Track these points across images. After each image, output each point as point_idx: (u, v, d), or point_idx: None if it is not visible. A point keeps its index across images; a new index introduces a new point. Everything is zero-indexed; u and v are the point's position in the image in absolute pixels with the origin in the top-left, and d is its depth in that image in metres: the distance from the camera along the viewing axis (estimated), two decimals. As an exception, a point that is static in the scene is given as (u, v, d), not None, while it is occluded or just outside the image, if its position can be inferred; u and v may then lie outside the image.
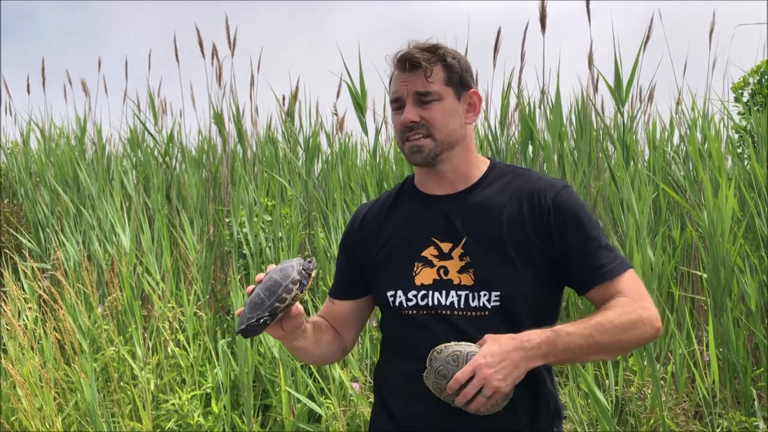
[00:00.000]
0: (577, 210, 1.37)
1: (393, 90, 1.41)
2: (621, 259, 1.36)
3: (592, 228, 1.36)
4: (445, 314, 1.34)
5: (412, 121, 1.37)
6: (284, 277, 1.27)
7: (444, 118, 1.38)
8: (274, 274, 1.29)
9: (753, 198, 3.23)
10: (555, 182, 1.40)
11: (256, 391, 3.39)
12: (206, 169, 5.00)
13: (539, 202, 1.36)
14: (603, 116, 4.09)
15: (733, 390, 2.94)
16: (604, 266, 1.33)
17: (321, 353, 1.49)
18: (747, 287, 2.94)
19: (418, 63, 1.36)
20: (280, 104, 4.88)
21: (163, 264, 3.83)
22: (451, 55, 1.40)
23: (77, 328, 3.36)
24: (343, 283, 1.53)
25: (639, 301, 1.33)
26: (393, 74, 1.42)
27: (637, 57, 3.68)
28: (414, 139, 1.37)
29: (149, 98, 5.07)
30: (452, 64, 1.39)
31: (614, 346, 1.29)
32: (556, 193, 1.37)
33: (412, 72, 1.37)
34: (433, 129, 1.37)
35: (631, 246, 2.98)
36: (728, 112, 4.07)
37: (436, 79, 1.37)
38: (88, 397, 3.02)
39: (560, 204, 1.36)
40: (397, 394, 1.40)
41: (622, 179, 3.31)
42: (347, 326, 1.53)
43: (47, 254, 4.42)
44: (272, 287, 1.27)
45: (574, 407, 2.80)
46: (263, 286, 1.28)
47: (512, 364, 1.20)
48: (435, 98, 1.37)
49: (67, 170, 5.01)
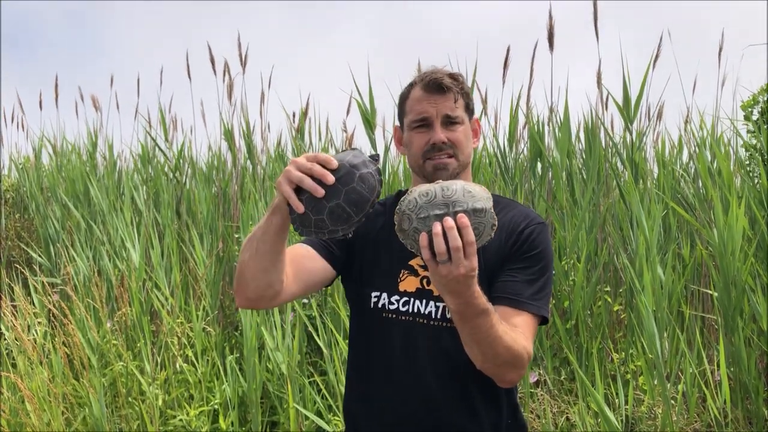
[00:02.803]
0: (538, 246, 1.43)
1: (418, 110, 1.47)
2: (540, 306, 1.39)
3: (540, 270, 1.41)
4: (423, 322, 1.43)
5: (443, 142, 1.44)
6: (369, 191, 1.20)
7: (466, 141, 1.48)
8: (357, 185, 1.19)
9: (764, 216, 3.22)
10: (533, 217, 1.48)
11: (264, 407, 3.38)
12: (216, 185, 5.03)
13: (515, 232, 1.43)
14: (612, 134, 4.10)
15: (744, 410, 2.91)
16: (520, 295, 1.38)
17: (270, 278, 1.34)
18: (758, 306, 2.92)
19: (449, 88, 1.45)
20: (291, 121, 4.91)
21: (173, 279, 3.84)
22: (466, 85, 1.50)
23: (86, 342, 3.37)
24: (327, 242, 1.48)
25: (525, 341, 1.33)
26: (414, 94, 1.49)
27: (646, 75, 3.69)
28: (440, 158, 1.45)
29: (160, 114, 5.12)
30: (468, 93, 1.50)
31: (491, 358, 1.28)
32: (527, 225, 1.44)
33: (441, 95, 1.45)
34: (457, 150, 1.46)
35: (641, 264, 2.97)
36: (737, 131, 4.06)
37: (459, 104, 1.47)
38: (97, 412, 3.02)
39: (527, 234, 1.43)
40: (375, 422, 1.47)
41: (631, 197, 3.31)
42: (299, 277, 1.42)
43: (57, 269, 4.45)
44: (360, 203, 1.19)
45: (583, 426, 2.77)
46: (348, 200, 1.18)
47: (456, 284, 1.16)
48: (459, 122, 1.47)
49: (78, 186, 5.05)
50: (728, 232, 2.92)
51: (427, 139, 1.45)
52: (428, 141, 1.45)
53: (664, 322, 2.92)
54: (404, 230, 1.16)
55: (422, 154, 1.46)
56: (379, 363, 1.47)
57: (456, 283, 1.14)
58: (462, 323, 1.24)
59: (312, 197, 1.18)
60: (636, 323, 3.07)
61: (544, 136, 4.06)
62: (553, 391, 3.11)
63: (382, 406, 1.46)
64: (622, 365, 3.18)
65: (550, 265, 1.46)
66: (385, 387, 1.46)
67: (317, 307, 3.50)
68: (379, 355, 1.47)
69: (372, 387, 1.49)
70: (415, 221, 1.14)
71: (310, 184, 1.18)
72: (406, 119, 1.51)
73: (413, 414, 1.43)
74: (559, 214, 3.67)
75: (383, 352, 1.45)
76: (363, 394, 1.51)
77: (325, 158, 1.19)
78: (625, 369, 3.16)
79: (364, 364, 1.51)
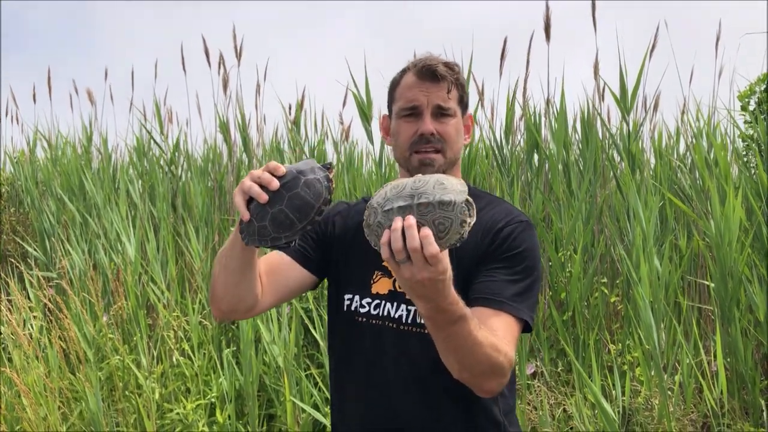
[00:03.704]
0: (520, 246, 1.30)
1: (409, 97, 1.37)
2: (522, 308, 1.26)
3: (523, 270, 1.29)
4: (392, 327, 1.33)
5: (431, 134, 1.35)
6: (315, 197, 1.14)
7: (456, 136, 1.38)
8: (302, 190, 1.14)
9: (760, 207, 3.21)
10: (516, 214, 1.35)
11: (261, 400, 3.37)
12: (212, 178, 5.01)
13: (492, 230, 1.31)
14: (609, 125, 4.08)
15: (741, 401, 2.92)
16: (498, 295, 1.25)
17: (240, 292, 1.29)
18: (755, 297, 2.92)
19: (443, 77, 1.35)
20: (287, 113, 4.89)
21: (169, 273, 3.83)
22: (462, 76, 1.40)
23: (82, 337, 3.36)
24: (303, 247, 1.40)
25: (506, 347, 1.19)
26: (405, 80, 1.39)
27: (642, 65, 3.67)
28: (426, 152, 1.35)
29: (155, 107, 5.09)
30: (463, 85, 1.40)
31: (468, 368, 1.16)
32: (508, 222, 1.32)
33: (434, 84, 1.35)
34: (445, 145, 1.36)
35: (637, 255, 2.97)
36: (734, 121, 4.05)
37: (453, 96, 1.37)
38: (93, 406, 3.02)
39: (507, 233, 1.31)
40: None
41: (628, 188, 3.30)
42: (274, 285, 1.36)
43: (53, 263, 4.43)
44: (303, 208, 1.14)
45: (580, 418, 2.77)
46: (291, 206, 1.14)
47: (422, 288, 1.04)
48: (451, 114, 1.37)
49: (73, 179, 5.02)
50: (725, 222, 2.91)
51: (415, 129, 1.36)
52: (416, 131, 1.36)
53: (661, 313, 2.92)
54: (369, 225, 1.07)
55: (409, 145, 1.36)
56: (350, 368, 1.39)
57: (422, 287, 1.03)
58: (435, 330, 1.11)
59: (258, 205, 1.15)
60: (633, 314, 3.07)
61: (540, 127, 4.04)
62: (549, 383, 3.11)
63: (352, 416, 1.39)
64: (618, 356, 3.18)
65: (536, 268, 1.32)
66: (357, 394, 1.38)
67: (314, 300, 3.49)
68: (351, 360, 1.39)
69: (345, 394, 1.41)
70: (380, 215, 1.05)
71: (255, 191, 1.14)
72: (395, 106, 1.41)
73: (378, 425, 1.34)
74: (555, 205, 3.67)
75: (355, 357, 1.37)
76: (337, 404, 1.43)
77: (274, 166, 1.16)
78: (622, 360, 3.16)
79: (337, 368, 1.43)
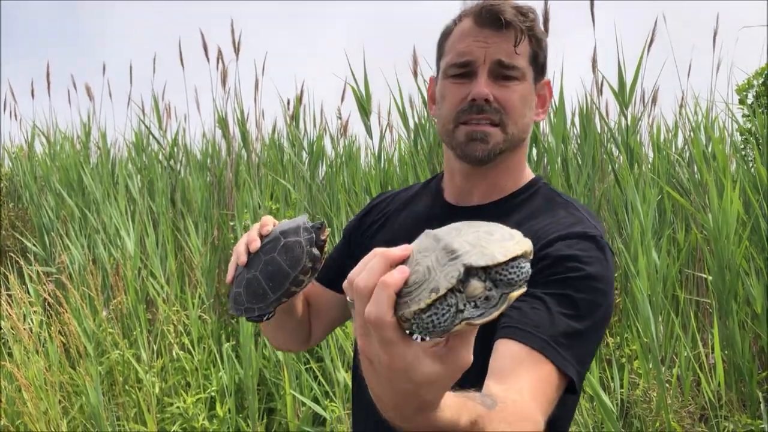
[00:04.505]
0: (584, 268, 0.90)
1: (461, 49, 1.02)
2: (568, 357, 0.85)
3: (582, 304, 0.88)
4: None
5: (486, 100, 1.00)
6: (293, 265, 0.96)
7: (522, 106, 1.03)
8: (279, 255, 0.97)
9: (758, 200, 3.22)
10: (582, 227, 0.96)
11: (261, 394, 3.38)
12: (211, 173, 5.01)
13: (540, 244, 0.94)
14: (607, 119, 4.09)
15: (738, 393, 2.93)
16: (539, 329, 0.85)
17: (291, 339, 1.21)
18: (752, 289, 2.93)
19: (510, 23, 1.00)
20: (285, 108, 4.89)
21: (168, 267, 3.83)
22: (539, 27, 1.05)
23: (82, 331, 3.36)
24: (332, 270, 1.22)
25: (533, 413, 0.78)
26: (459, 28, 1.05)
27: (641, 59, 3.68)
28: (478, 123, 1.01)
29: (154, 102, 5.09)
30: (540, 39, 1.05)
31: None
32: (568, 235, 0.94)
33: (497, 32, 1.00)
34: (506, 117, 1.01)
35: (635, 249, 2.98)
36: (732, 114, 4.06)
37: (523, 51, 1.02)
38: (93, 400, 3.02)
39: (562, 248, 0.92)
40: None
41: (626, 182, 3.31)
42: (318, 317, 1.23)
43: (52, 258, 4.44)
44: (277, 277, 0.96)
45: (579, 410, 2.79)
46: (265, 272, 0.97)
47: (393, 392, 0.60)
48: (517, 77, 1.02)
49: (71, 174, 5.02)
50: (723, 216, 2.92)
51: (465, 93, 1.01)
52: (466, 96, 1.01)
53: (659, 306, 2.93)
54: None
55: (454, 115, 1.03)
56: (359, 392, 1.18)
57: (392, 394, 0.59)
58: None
59: (240, 267, 1.01)
60: (631, 307, 3.08)
61: (539, 121, 4.05)
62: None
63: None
64: (617, 349, 3.19)
65: (603, 307, 0.90)
66: (362, 420, 1.16)
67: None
68: (359, 384, 1.17)
69: (354, 418, 1.21)
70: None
71: (238, 250, 0.99)
72: (443, 62, 1.07)
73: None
74: (554, 199, 3.67)
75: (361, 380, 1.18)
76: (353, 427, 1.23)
77: (263, 221, 1.00)
78: (620, 353, 3.17)
79: (353, 393, 1.23)
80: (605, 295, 0.92)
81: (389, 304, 0.55)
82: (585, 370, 0.89)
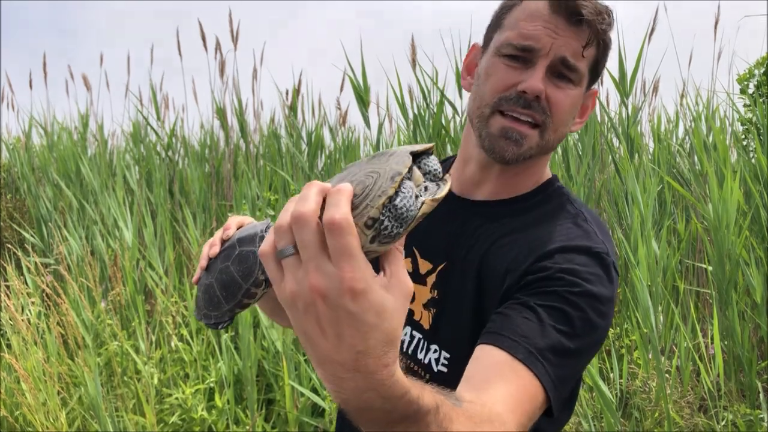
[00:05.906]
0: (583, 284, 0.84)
1: (526, 31, 0.92)
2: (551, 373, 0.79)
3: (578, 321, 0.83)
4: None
5: (537, 96, 0.92)
6: (245, 277, 0.91)
7: (569, 112, 0.96)
8: (232, 264, 0.92)
9: (758, 190, 3.21)
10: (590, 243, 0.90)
11: (260, 385, 3.38)
12: (209, 164, 4.99)
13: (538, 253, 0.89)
14: (608, 109, 4.07)
15: (738, 383, 2.93)
16: (528, 339, 0.79)
17: (281, 320, 1.18)
18: (752, 279, 2.92)
19: (588, 23, 0.91)
20: (283, 98, 4.87)
21: (166, 258, 3.82)
22: (610, 32, 0.96)
23: (80, 322, 3.36)
24: None
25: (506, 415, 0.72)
26: (529, 5, 0.94)
27: (641, 49, 3.66)
28: (518, 119, 0.93)
29: (151, 93, 5.07)
30: (608, 46, 0.97)
31: None
32: (569, 249, 0.89)
33: (570, 26, 0.92)
34: (549, 120, 0.94)
35: (636, 239, 2.97)
36: (733, 104, 4.04)
37: (588, 54, 0.94)
38: (92, 391, 3.02)
39: (561, 261, 0.87)
40: None
41: (626, 172, 3.30)
42: None
43: (50, 249, 4.42)
44: (231, 287, 0.92)
45: (578, 401, 2.79)
46: (220, 281, 0.93)
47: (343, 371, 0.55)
48: (575, 80, 0.94)
49: (69, 165, 5.01)
50: (723, 206, 2.91)
51: (516, 80, 0.93)
52: (516, 84, 0.92)
53: (659, 297, 2.92)
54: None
55: (496, 100, 0.93)
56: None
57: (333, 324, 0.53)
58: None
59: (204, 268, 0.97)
60: (631, 298, 3.08)
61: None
62: (548, 366, 3.12)
63: None
64: (616, 340, 3.19)
65: (598, 329, 0.85)
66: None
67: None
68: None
69: None
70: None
71: (203, 252, 0.93)
72: (499, 37, 0.96)
73: None
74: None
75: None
76: None
77: (226, 224, 0.94)
78: (620, 343, 3.17)
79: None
80: (604, 317, 0.85)
81: (349, 206, 0.52)
82: (563, 393, 0.82)
